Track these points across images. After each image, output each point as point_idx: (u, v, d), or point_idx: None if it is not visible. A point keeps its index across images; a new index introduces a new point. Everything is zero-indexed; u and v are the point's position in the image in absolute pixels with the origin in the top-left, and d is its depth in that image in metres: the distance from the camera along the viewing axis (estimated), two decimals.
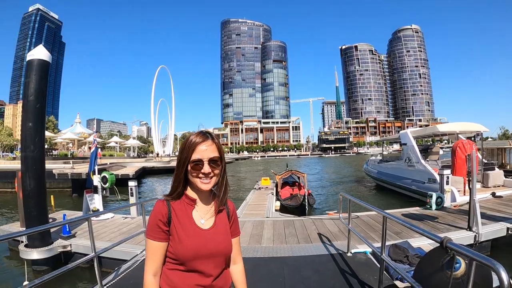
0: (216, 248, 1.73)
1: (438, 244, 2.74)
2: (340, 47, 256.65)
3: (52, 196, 13.96)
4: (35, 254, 7.64)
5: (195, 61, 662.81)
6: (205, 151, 1.68)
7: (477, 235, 7.52)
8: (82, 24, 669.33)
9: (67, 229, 8.47)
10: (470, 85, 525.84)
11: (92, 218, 10.12)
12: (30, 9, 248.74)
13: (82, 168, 26.58)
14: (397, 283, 4.82)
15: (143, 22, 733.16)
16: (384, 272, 4.78)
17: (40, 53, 8.14)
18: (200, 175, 1.69)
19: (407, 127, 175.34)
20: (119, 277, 5.43)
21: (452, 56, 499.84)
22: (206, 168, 1.68)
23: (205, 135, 1.73)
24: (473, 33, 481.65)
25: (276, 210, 13.13)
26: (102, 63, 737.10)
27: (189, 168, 1.70)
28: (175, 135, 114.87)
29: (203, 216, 1.78)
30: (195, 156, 1.67)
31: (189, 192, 1.80)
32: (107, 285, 5.07)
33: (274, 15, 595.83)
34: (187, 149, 1.69)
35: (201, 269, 1.68)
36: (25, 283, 6.04)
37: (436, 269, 3.13)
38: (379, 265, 4.74)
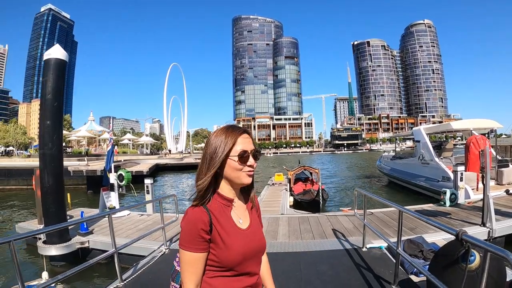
0: (258, 246, 1.66)
1: (453, 239, 2.79)
2: (352, 43, 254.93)
3: (68, 194, 14.12)
4: (53, 250, 7.78)
5: (207, 58, 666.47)
6: (248, 142, 1.59)
7: (491, 230, 7.53)
8: (93, 23, 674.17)
9: (85, 226, 8.61)
10: (484, 81, 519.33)
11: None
12: (42, 9, 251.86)
13: (96, 165, 26.88)
14: (412, 277, 4.86)
15: (154, 20, 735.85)
16: (400, 266, 4.82)
17: (57, 52, 8.26)
18: (246, 168, 1.57)
19: (420, 123, 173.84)
20: (138, 272, 5.53)
21: (465, 51, 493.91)
22: (252, 160, 1.58)
23: (241, 127, 1.63)
24: (487, 27, 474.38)
25: (290, 206, 13.20)
26: (114, 61, 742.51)
27: (235, 160, 1.54)
28: (187, 132, 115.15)
29: (241, 215, 1.67)
30: (239, 147, 1.55)
31: (223, 191, 1.64)
32: (127, 280, 5.17)
33: (286, 11, 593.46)
34: (228, 141, 1.55)
35: (248, 271, 1.60)
36: (44, 274, 6.19)
37: (451, 262, 3.19)
38: (394, 260, 4.78)
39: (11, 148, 65.29)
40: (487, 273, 2.35)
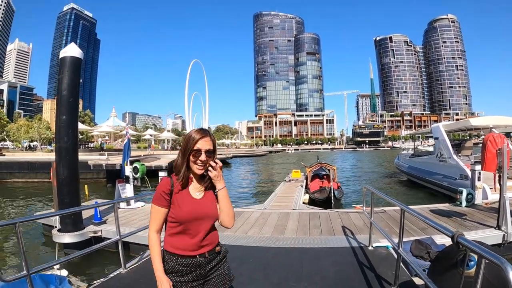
0: (205, 212, 2.27)
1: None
2: (374, 39, 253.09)
3: (86, 186, 14.40)
4: (67, 238, 8.03)
5: (228, 54, 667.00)
6: (204, 143, 2.22)
7: (506, 234, 7.20)
8: (116, 23, 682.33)
9: (98, 216, 8.81)
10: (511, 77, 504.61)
11: (123, 206, 10.56)
12: (64, 8, 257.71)
13: (116, 160, 27.25)
14: (415, 279, 4.73)
15: (175, 17, 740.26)
16: (404, 268, 4.73)
17: (72, 50, 8.58)
18: (198, 161, 2.22)
19: (443, 121, 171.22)
20: (142, 260, 5.71)
21: (491, 46, 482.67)
22: (203, 157, 2.21)
23: (205, 132, 2.28)
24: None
25: (304, 203, 13.17)
26: (137, 58, 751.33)
27: (191, 155, 2.22)
28: (209, 127, 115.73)
29: (197, 189, 2.32)
30: (196, 147, 2.20)
31: (189, 173, 2.32)
32: (130, 268, 5.36)
33: (306, 7, 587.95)
34: (191, 141, 2.22)
35: (194, 228, 2.23)
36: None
37: (450, 266, 3.09)
38: None
39: (35, 143, 66.51)
40: (486, 280, 2.28)
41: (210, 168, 2.30)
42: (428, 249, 5.78)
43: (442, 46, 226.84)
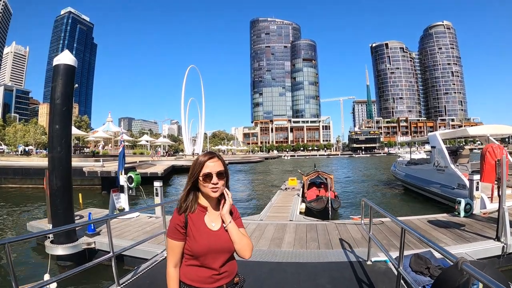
0: (223, 245, 2.15)
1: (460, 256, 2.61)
2: (370, 45, 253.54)
3: (80, 194, 14.29)
4: (60, 250, 7.93)
5: (225, 60, 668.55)
6: (213, 166, 2.14)
7: (505, 246, 7.10)
8: (113, 27, 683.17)
9: (92, 227, 8.74)
10: (506, 84, 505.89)
11: (117, 217, 10.41)
12: (62, 12, 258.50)
13: (112, 166, 27.07)
14: None
15: (173, 23, 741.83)
16: (404, 284, 4.61)
17: (66, 58, 8.47)
18: (211, 185, 2.12)
19: (439, 127, 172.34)
20: (137, 276, 5.56)
21: (486, 52, 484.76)
22: (215, 179, 2.12)
23: (212, 154, 2.21)
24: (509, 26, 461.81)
25: (301, 213, 13.03)
26: (134, 63, 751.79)
27: (200, 180, 2.14)
28: (205, 133, 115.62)
29: (213, 220, 2.21)
30: (205, 170, 2.12)
31: (201, 201, 2.24)
32: (124, 284, 5.18)
33: (303, 13, 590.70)
34: (198, 165, 2.15)
35: (211, 261, 2.11)
36: (46, 276, 6.25)
37: None
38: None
39: (30, 147, 66.33)
40: None
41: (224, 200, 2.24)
42: (427, 264, 5.63)
43: (437, 52, 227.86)
